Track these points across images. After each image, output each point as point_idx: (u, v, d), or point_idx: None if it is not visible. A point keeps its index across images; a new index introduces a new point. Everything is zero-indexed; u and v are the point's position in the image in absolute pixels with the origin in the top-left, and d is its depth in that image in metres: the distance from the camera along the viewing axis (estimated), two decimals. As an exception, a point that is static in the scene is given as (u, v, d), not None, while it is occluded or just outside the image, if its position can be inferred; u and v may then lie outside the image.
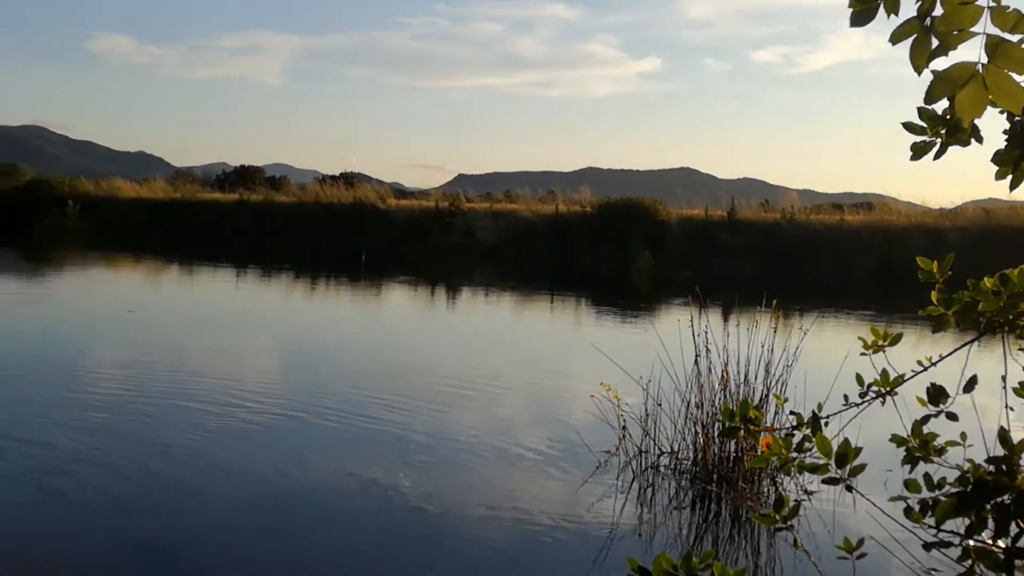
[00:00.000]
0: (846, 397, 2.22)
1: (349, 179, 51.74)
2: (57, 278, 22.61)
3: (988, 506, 1.97)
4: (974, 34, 1.38)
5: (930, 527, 2.06)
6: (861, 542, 2.10)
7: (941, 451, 2.12)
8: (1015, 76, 1.37)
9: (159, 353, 10.95)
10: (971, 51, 1.37)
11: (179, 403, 7.97)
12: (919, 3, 1.44)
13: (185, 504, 5.47)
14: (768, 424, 2.53)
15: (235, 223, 43.41)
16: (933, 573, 4.14)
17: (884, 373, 2.12)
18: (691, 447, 6.73)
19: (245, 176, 75.29)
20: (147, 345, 11.60)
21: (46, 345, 11.35)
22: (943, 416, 2.14)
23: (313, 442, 7.07)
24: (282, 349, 12.39)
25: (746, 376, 6.79)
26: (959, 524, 2.04)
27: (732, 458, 6.46)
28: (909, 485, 2.09)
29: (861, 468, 2.03)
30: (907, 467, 2.13)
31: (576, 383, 10.28)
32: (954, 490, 2.02)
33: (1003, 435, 2.03)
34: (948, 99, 1.53)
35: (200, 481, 5.92)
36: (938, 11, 1.41)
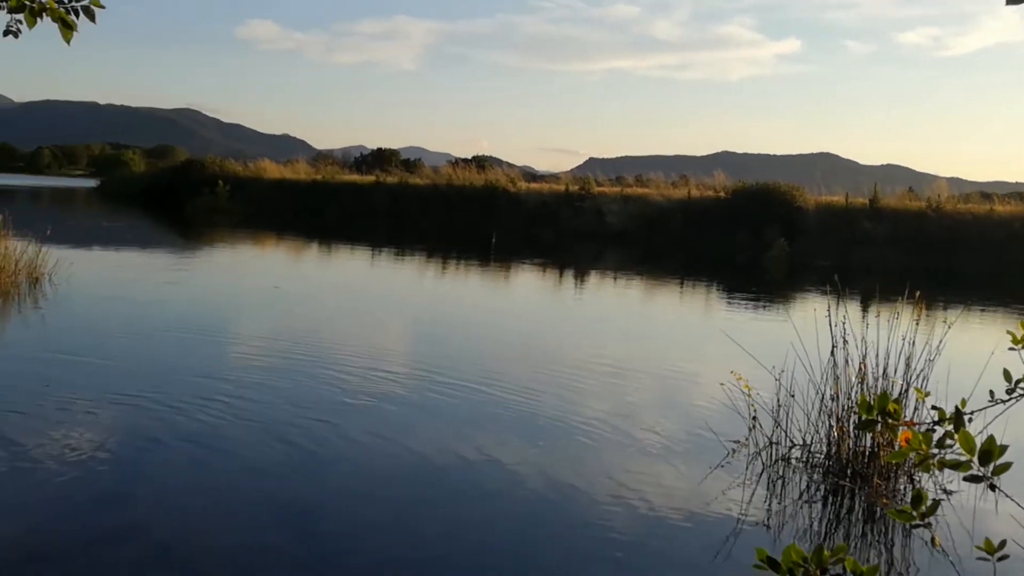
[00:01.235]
0: (992, 393, 2.15)
1: (481, 162, 52.38)
2: (208, 254, 23.88)
3: None
4: None
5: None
6: (1003, 543, 2.04)
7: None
8: None
9: (302, 329, 11.46)
10: None
11: (317, 376, 8.32)
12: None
13: (323, 471, 5.74)
14: (907, 419, 2.48)
15: (371, 204, 44.68)
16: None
17: (1034, 370, 2.05)
18: (824, 440, 6.57)
19: (381, 159, 77.18)
20: (291, 320, 12.17)
21: (198, 317, 12.05)
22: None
23: (440, 419, 7.27)
24: (413, 328, 12.74)
25: (885, 369, 6.57)
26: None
27: (867, 453, 6.27)
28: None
29: (1006, 467, 1.97)
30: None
31: (705, 371, 10.17)
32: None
33: None
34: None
35: (336, 450, 6.19)
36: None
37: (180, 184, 49.98)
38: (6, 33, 4.56)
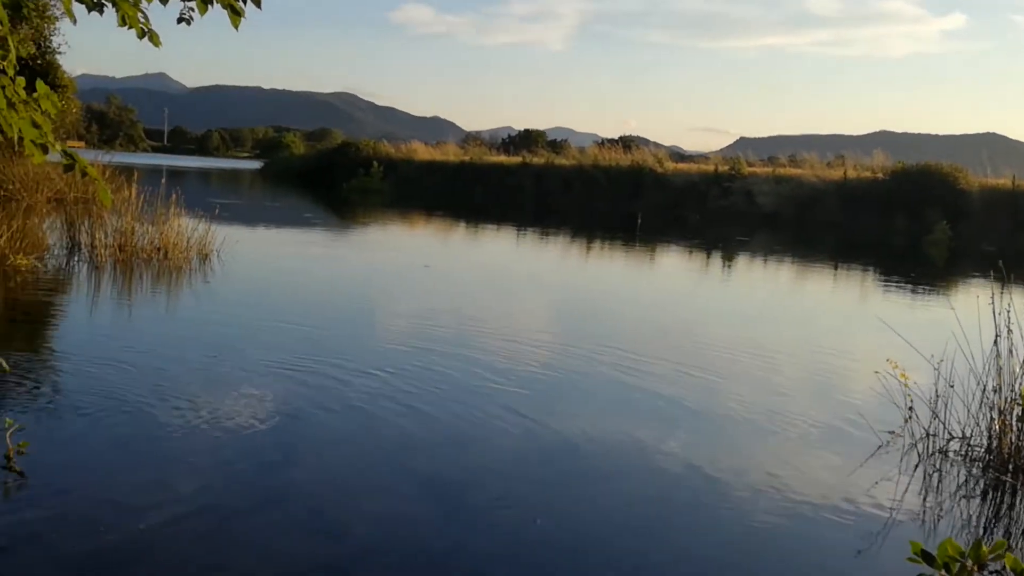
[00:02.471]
0: None
1: (627, 143, 51.93)
2: (362, 233, 24.76)
3: None
4: None
5: None
6: None
7: None
8: None
9: (450, 307, 11.74)
10: None
11: (463, 354, 8.51)
12: None
13: (467, 447, 5.88)
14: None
15: (518, 185, 45.10)
16: None
17: None
18: (985, 433, 6.21)
19: (528, 140, 77.64)
20: (440, 298, 12.49)
21: (353, 293, 12.55)
22: None
23: (582, 400, 7.31)
24: (557, 308, 12.81)
25: (1054, 361, 6.15)
26: None
27: (1033, 449, 5.90)
28: None
29: None
30: None
31: (859, 358, 9.79)
32: None
33: None
34: None
35: (480, 427, 6.33)
36: None
37: (336, 165, 52.04)
38: (179, 20, 4.87)
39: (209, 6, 3.98)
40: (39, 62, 22.72)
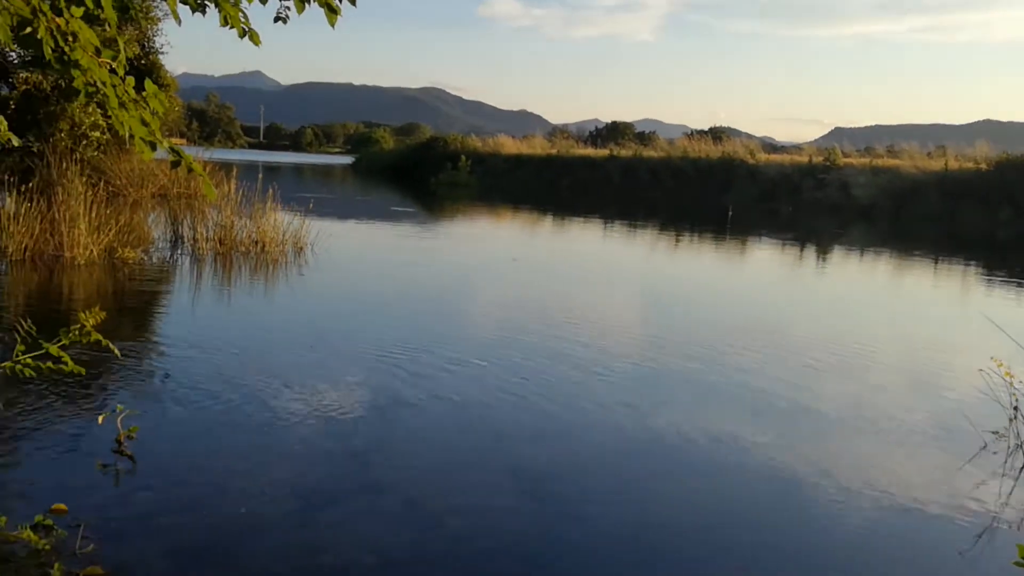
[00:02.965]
0: None
1: (717, 134, 51.12)
2: (450, 226, 25.01)
3: None
4: None
5: None
6: None
7: None
8: None
9: (538, 300, 11.79)
10: None
11: (551, 347, 8.53)
12: None
13: (556, 439, 5.90)
14: None
15: (605, 177, 44.87)
16: None
17: None
18: (1100, 437, 5.93)
19: (616, 132, 77.07)
20: (528, 291, 12.54)
21: (443, 286, 12.69)
22: None
23: (672, 395, 7.24)
24: (645, 302, 12.71)
25: None
26: None
27: None
28: None
29: None
30: None
31: (961, 356, 9.45)
32: None
33: None
34: None
35: (568, 420, 6.34)
36: None
37: (425, 160, 52.62)
38: (276, 19, 5.00)
39: (307, 4, 4.08)
40: (143, 62, 23.60)
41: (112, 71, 3.55)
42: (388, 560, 3.95)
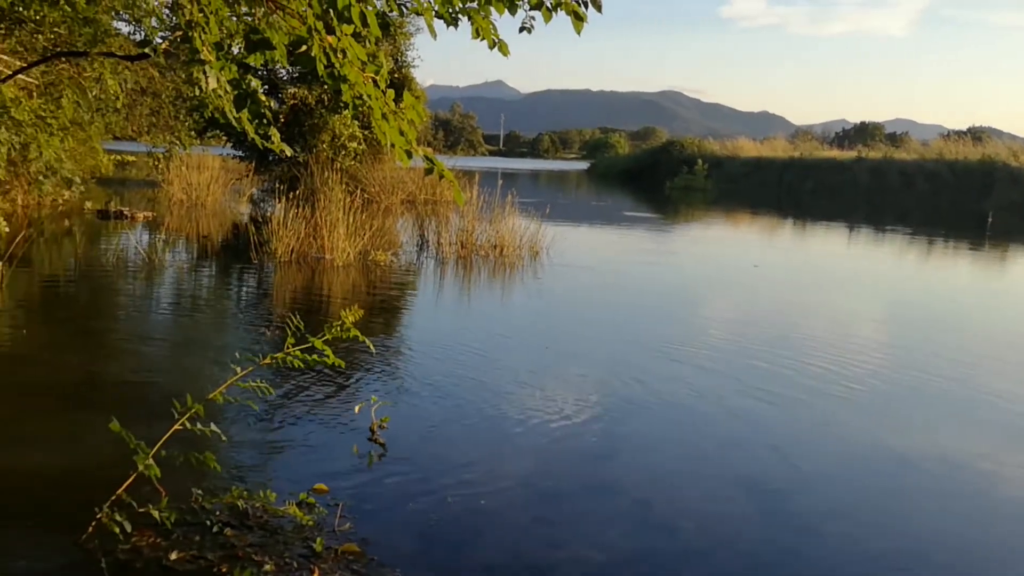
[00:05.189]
0: None
1: (977, 134, 47.08)
2: (686, 231, 24.68)
3: None
4: None
5: None
6: None
7: None
8: None
9: (779, 306, 11.39)
10: None
11: (791, 355, 8.21)
12: None
13: (792, 451, 5.66)
14: None
15: (852, 180, 42.59)
16: None
17: None
18: None
19: (864, 133, 73.01)
20: (770, 300, 12.15)
21: (678, 292, 12.56)
22: None
23: (914, 408, 6.79)
24: (891, 312, 11.92)
25: None
26: None
27: None
28: None
29: None
30: None
31: None
32: None
33: None
34: None
35: (806, 432, 6.10)
36: None
37: (660, 164, 52.33)
38: (521, 29, 5.16)
39: (553, 13, 4.19)
40: (396, 76, 25.14)
41: (375, 84, 3.81)
42: (619, 560, 3.97)
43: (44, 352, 7.11)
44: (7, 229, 8.71)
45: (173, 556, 3.64)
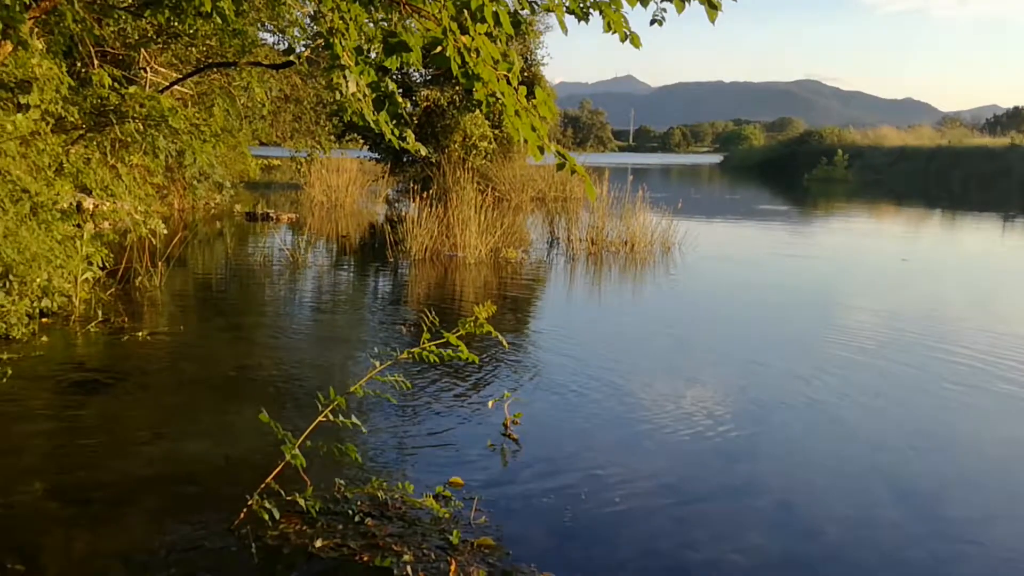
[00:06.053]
0: None
1: None
2: (826, 224, 23.83)
3: None
4: None
5: None
6: None
7: None
8: None
9: (927, 304, 10.86)
10: None
11: (938, 356, 7.81)
12: None
13: (939, 454, 5.39)
14: None
15: (1005, 168, 40.18)
16: None
17: None
18: None
19: (1017, 118, 68.75)
20: (917, 296, 11.60)
21: (817, 287, 12.14)
22: None
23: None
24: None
25: None
26: None
27: None
28: None
29: None
30: None
31: None
32: None
33: None
34: None
35: (952, 433, 5.79)
36: None
37: (798, 155, 50.81)
38: (652, 22, 5.10)
39: (686, 3, 4.13)
40: (526, 74, 25.31)
41: (508, 82, 3.86)
42: (759, 563, 3.87)
43: (199, 346, 7.52)
44: (165, 231, 9.26)
45: (318, 543, 3.78)
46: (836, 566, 3.90)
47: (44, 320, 7.66)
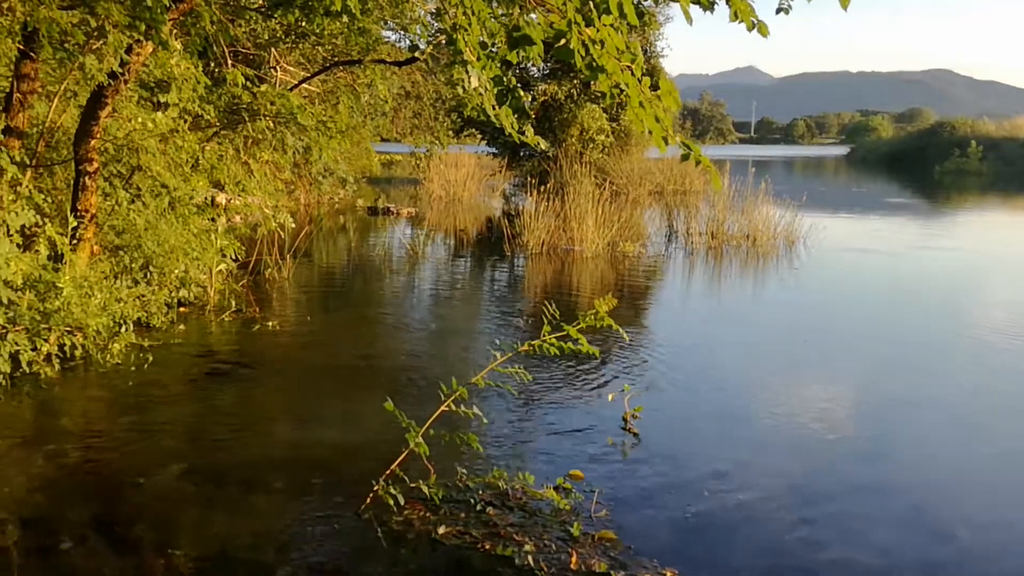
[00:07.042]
0: None
1: None
2: (957, 219, 22.72)
3: None
4: None
5: None
6: None
7: None
8: None
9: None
10: None
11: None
12: None
13: None
14: None
15: None
16: None
17: None
18: None
19: None
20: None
21: (946, 286, 11.59)
22: None
23: None
24: None
25: None
26: None
27: None
28: None
29: None
30: None
31: None
32: None
33: None
34: None
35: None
36: None
37: (928, 147, 48.66)
38: (778, 11, 4.95)
39: (816, -9, 4.00)
40: (645, 66, 25.06)
41: (632, 73, 3.82)
42: (891, 565, 3.73)
43: (325, 337, 7.76)
44: (293, 225, 9.59)
45: (441, 530, 3.85)
46: (969, 570, 3.72)
47: (181, 309, 8.05)
